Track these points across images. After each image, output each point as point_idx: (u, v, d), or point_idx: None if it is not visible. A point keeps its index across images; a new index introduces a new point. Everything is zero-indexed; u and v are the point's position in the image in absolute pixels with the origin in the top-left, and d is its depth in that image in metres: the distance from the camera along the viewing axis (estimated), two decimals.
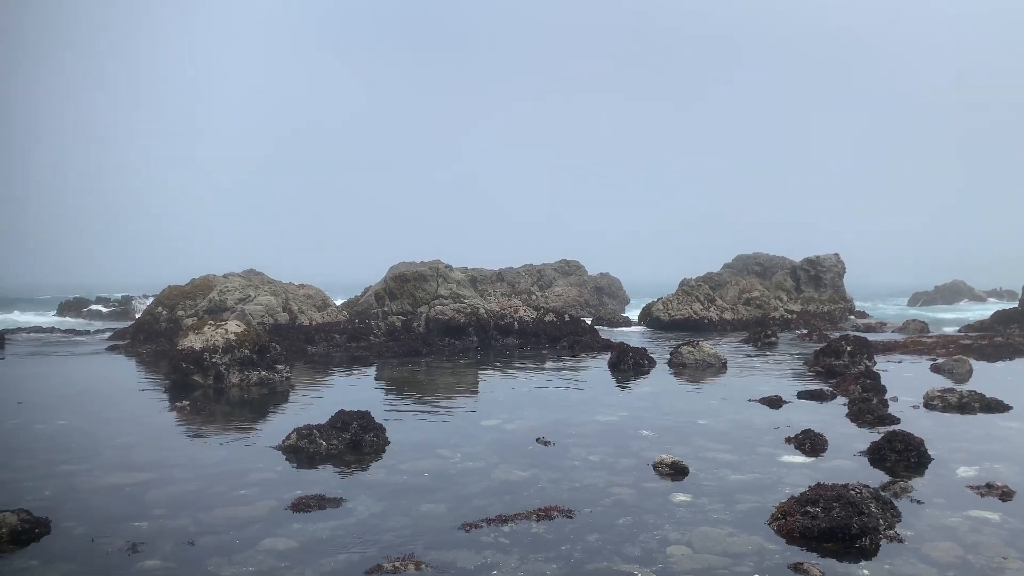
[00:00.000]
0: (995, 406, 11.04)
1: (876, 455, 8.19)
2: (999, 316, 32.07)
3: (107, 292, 53.06)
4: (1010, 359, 18.54)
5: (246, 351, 14.30)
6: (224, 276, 26.84)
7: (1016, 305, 38.39)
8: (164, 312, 23.89)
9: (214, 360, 13.92)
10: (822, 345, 17.57)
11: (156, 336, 22.83)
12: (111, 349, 21.71)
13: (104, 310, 41.56)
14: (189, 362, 13.93)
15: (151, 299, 30.52)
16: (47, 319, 38.54)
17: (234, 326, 14.92)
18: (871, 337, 21.88)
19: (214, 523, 6.12)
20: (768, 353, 20.42)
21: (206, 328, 14.65)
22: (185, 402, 11.82)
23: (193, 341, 14.24)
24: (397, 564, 5.19)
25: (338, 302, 29.92)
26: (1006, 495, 6.81)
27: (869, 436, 9.14)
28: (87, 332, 28.63)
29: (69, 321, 37.00)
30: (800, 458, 8.31)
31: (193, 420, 10.77)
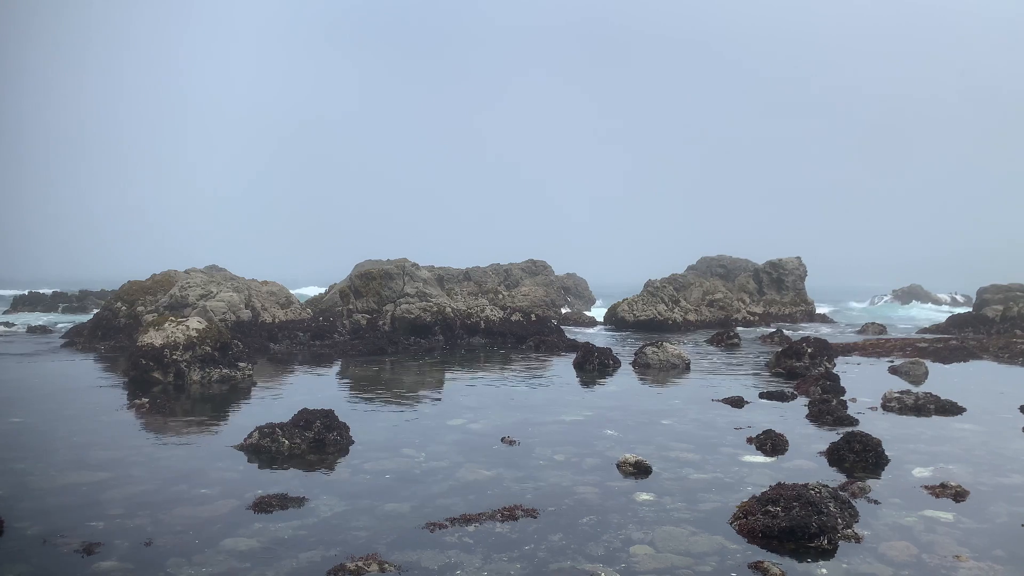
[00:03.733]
0: (949, 408, 11.29)
1: (835, 455, 8.34)
2: (954, 320, 32.89)
3: (63, 287, 51.90)
4: (964, 362, 18.99)
5: (207, 348, 14.09)
6: (186, 272, 26.41)
7: (971, 309, 39.38)
8: (123, 308, 23.43)
9: (175, 357, 13.69)
10: (783, 347, 17.84)
11: (115, 332, 22.37)
12: (67, 345, 21.22)
13: (61, 305, 40.62)
14: (149, 359, 13.68)
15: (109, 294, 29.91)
16: (0, 313, 37.55)
17: (195, 323, 14.69)
18: (831, 339, 22.26)
19: (173, 523, 6.01)
20: (731, 354, 20.66)
21: (167, 324, 14.40)
22: (144, 400, 11.60)
23: (153, 337, 13.99)
24: (360, 564, 5.15)
25: (303, 297, 29.61)
26: (960, 495, 6.97)
27: (828, 437, 9.30)
28: (42, 328, 27.95)
29: (23, 316, 36.08)
30: (761, 458, 8.42)
31: (152, 418, 10.57)
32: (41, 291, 44.39)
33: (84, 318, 29.55)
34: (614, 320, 33.12)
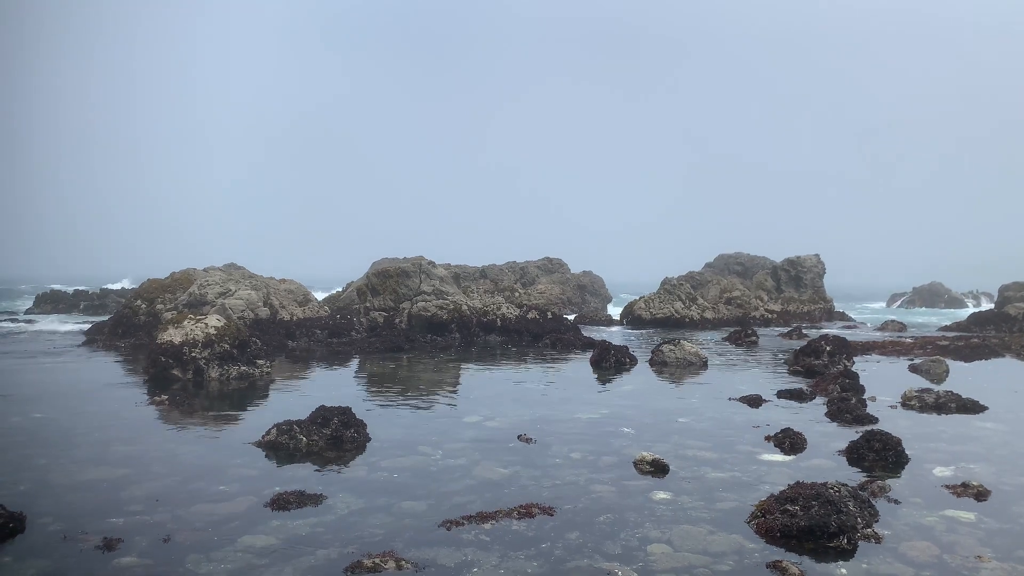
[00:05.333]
0: (971, 406, 11.16)
1: (854, 454, 8.26)
2: (976, 318, 32.51)
3: (85, 285, 52.49)
4: (986, 360, 18.77)
5: (226, 345, 14.18)
6: (204, 270, 26.62)
7: (992, 307, 38.94)
8: (143, 306, 23.66)
9: (194, 354, 13.80)
10: (802, 344, 17.71)
11: (134, 330, 22.59)
12: (88, 343, 21.46)
13: (82, 303, 41.05)
14: (168, 356, 13.80)
15: (130, 291, 30.16)
16: (23, 312, 38.02)
17: (214, 320, 14.79)
18: (850, 337, 22.08)
19: (192, 519, 6.06)
20: (748, 352, 20.54)
21: (186, 322, 14.51)
22: (163, 397, 11.70)
23: (172, 335, 14.10)
24: (377, 561, 5.16)
25: (320, 297, 29.76)
26: (981, 495, 6.89)
27: (847, 435, 9.21)
28: (64, 325, 28.29)
29: (45, 314, 36.50)
30: (779, 457, 8.36)
31: (171, 415, 10.66)
32: (61, 288, 44.87)
33: (105, 316, 29.87)
34: (631, 318, 33.03)
